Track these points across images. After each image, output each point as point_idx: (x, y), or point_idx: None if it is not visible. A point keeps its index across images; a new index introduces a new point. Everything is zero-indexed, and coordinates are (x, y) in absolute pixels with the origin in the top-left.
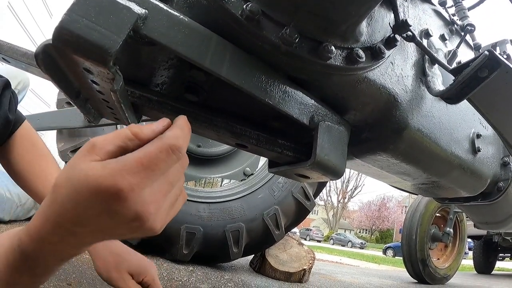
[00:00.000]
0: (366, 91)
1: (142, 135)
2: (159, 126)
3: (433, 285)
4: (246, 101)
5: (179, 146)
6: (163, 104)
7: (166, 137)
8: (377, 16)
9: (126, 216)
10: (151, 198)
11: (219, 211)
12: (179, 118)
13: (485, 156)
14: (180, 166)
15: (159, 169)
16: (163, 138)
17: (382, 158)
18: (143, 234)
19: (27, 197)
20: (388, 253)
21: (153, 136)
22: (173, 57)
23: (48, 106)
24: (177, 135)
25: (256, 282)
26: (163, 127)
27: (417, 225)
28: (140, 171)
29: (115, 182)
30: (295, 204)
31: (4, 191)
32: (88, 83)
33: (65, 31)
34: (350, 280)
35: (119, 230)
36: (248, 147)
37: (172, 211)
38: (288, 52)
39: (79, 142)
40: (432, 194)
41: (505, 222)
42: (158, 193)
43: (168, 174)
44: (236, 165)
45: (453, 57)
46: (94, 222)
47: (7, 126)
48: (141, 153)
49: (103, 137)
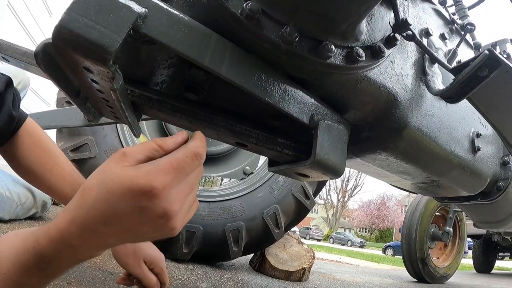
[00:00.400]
0: (366, 90)
1: (166, 146)
2: (179, 138)
3: (433, 284)
4: (246, 100)
5: (201, 153)
6: (162, 103)
7: (191, 146)
8: (377, 15)
9: (155, 212)
10: (176, 197)
11: (219, 210)
12: (197, 132)
13: (485, 155)
14: (198, 172)
15: (185, 172)
16: (188, 146)
17: (382, 157)
18: (164, 234)
19: (26, 196)
20: (387, 252)
21: (175, 147)
22: (172, 56)
23: (48, 105)
24: (199, 145)
25: (256, 281)
26: (183, 139)
27: (417, 224)
28: (171, 172)
29: (149, 180)
30: (295, 203)
31: (4, 190)
32: (88, 82)
33: (65, 30)
34: (350, 279)
35: (145, 227)
36: (248, 146)
37: (188, 214)
38: (288, 51)
39: (78, 141)
40: (431, 193)
41: (505, 221)
42: (182, 193)
43: (189, 178)
44: (236, 164)
45: (453, 56)
46: (123, 220)
47: (11, 123)
48: (172, 158)
49: (132, 147)
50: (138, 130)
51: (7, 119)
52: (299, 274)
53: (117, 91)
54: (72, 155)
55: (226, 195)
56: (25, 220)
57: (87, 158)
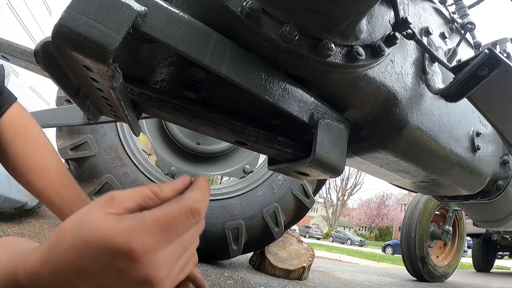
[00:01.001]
0: (366, 89)
1: (162, 195)
2: (179, 184)
3: (432, 283)
4: (246, 98)
5: (199, 210)
6: (162, 102)
7: (187, 199)
8: (377, 14)
9: (134, 278)
10: (163, 262)
11: (219, 208)
12: (200, 178)
13: (485, 155)
14: (196, 230)
15: (176, 232)
16: (183, 199)
17: (382, 156)
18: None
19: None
20: (387, 251)
21: (173, 194)
22: (172, 55)
23: (47, 103)
24: (198, 198)
25: (256, 279)
26: (184, 185)
27: (417, 223)
28: (157, 232)
29: (128, 240)
30: (295, 201)
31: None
32: (88, 81)
33: (64, 28)
34: (349, 278)
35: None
36: (248, 144)
37: (181, 274)
38: (288, 50)
39: (78, 139)
40: (431, 192)
41: (504, 220)
42: (172, 256)
43: (183, 237)
44: (236, 163)
45: (453, 55)
46: (98, 278)
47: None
48: (160, 213)
49: (123, 191)
50: (137, 129)
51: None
52: (298, 273)
53: (116, 89)
54: (71, 154)
55: (226, 193)
56: (25, 218)
57: (86, 156)
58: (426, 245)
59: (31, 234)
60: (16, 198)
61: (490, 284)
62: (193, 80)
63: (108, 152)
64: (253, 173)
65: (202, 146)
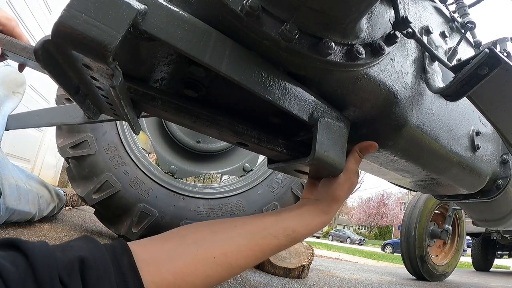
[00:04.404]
0: (366, 88)
1: None
2: None
3: (431, 282)
4: (246, 97)
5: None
6: (162, 100)
7: None
8: (377, 13)
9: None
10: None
11: (219, 207)
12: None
13: (484, 154)
14: None
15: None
16: None
17: (382, 155)
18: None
19: (43, 190)
20: (386, 249)
21: None
22: (172, 53)
23: (47, 102)
24: None
25: (255, 277)
26: None
27: (416, 222)
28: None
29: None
30: (294, 200)
31: (23, 183)
32: (88, 79)
33: (64, 26)
34: (349, 276)
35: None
36: (249, 145)
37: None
38: (288, 48)
39: (78, 138)
40: (431, 191)
41: (504, 219)
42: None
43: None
44: (236, 161)
45: (453, 54)
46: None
47: None
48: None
49: None
50: (137, 128)
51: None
52: (298, 271)
53: (116, 88)
54: (71, 152)
55: (226, 192)
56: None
57: (86, 155)
58: (426, 244)
59: (31, 233)
60: (25, 210)
61: (489, 283)
62: (193, 79)
63: (108, 151)
64: (253, 171)
65: (202, 145)
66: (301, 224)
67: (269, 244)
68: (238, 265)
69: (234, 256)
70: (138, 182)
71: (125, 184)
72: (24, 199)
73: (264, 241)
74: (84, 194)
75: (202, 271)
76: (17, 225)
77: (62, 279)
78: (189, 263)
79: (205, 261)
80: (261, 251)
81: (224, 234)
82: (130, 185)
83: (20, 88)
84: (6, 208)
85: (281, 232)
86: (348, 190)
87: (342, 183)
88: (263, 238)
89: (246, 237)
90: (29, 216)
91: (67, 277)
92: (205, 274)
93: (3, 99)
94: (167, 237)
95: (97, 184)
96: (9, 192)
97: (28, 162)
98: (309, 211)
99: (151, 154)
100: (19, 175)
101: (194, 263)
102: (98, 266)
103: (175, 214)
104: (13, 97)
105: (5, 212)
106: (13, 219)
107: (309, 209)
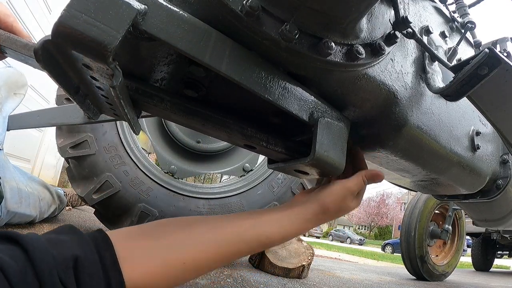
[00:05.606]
0: (366, 88)
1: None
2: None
3: (432, 282)
4: (246, 97)
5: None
6: (162, 100)
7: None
8: (377, 13)
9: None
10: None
11: (219, 207)
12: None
13: (484, 154)
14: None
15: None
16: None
17: (382, 155)
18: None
19: (44, 192)
20: (386, 249)
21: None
22: (172, 53)
23: (47, 102)
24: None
25: (255, 278)
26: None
27: (416, 222)
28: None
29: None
30: None
31: (24, 186)
32: (88, 79)
33: (64, 26)
34: (349, 276)
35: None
36: (257, 148)
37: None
38: (288, 48)
39: (78, 138)
40: (431, 191)
41: (504, 219)
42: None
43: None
44: (236, 161)
45: (453, 54)
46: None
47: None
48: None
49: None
50: (137, 128)
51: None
52: (298, 271)
53: (116, 88)
54: (71, 152)
55: (226, 192)
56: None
57: (86, 155)
58: (426, 244)
59: (31, 232)
60: (26, 212)
61: (489, 283)
62: (193, 79)
63: (108, 151)
64: (253, 171)
65: (202, 145)
66: (278, 231)
67: (239, 250)
68: (207, 267)
69: (203, 262)
70: (138, 182)
71: (125, 184)
72: (25, 202)
73: (235, 247)
74: (84, 194)
75: (171, 274)
76: (17, 225)
77: (59, 276)
78: (159, 266)
79: (175, 266)
80: (231, 256)
81: (197, 239)
82: (130, 185)
83: (21, 89)
84: (7, 212)
85: (255, 239)
86: (338, 206)
87: (335, 194)
88: (235, 244)
89: (218, 243)
90: (30, 218)
91: (64, 274)
92: (174, 277)
93: (4, 100)
94: (145, 232)
95: (97, 184)
96: (10, 195)
97: (28, 162)
98: (289, 216)
99: (151, 154)
100: (21, 178)
101: (165, 266)
102: (89, 263)
103: (175, 214)
104: (14, 97)
105: (6, 215)
106: (13, 222)
107: (290, 214)
